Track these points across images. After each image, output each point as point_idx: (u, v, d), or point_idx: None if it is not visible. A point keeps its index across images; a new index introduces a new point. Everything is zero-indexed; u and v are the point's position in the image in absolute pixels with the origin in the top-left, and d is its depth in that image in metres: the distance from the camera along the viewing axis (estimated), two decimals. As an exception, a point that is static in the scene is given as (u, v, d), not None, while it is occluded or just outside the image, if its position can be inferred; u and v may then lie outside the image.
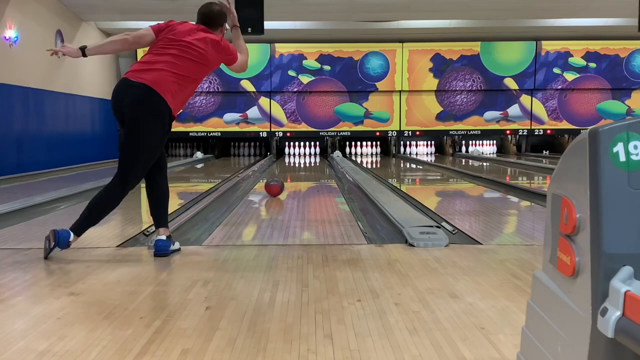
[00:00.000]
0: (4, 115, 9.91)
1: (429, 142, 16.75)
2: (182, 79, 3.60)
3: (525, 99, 16.14)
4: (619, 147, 1.12)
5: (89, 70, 13.62)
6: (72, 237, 3.55)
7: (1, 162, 9.73)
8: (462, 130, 16.16)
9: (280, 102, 15.97)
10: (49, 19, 11.73)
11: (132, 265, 3.45)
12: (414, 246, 3.83)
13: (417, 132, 16.18)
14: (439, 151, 16.71)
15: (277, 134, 16.01)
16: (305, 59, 15.82)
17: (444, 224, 4.74)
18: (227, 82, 15.62)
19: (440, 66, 15.94)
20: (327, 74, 15.84)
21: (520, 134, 16.29)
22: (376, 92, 15.97)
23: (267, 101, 15.94)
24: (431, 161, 14.23)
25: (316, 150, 16.40)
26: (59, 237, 3.51)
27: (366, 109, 16.02)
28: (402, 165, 13.58)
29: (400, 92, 16.00)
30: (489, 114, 16.18)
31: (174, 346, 2.14)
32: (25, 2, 10.67)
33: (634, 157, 1.11)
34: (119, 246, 3.97)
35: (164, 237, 3.65)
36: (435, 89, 16.02)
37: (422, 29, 14.64)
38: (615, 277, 1.07)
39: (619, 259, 1.09)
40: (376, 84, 15.89)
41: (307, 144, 16.41)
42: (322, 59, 15.82)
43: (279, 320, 2.42)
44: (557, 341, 1.23)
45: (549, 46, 15.90)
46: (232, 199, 6.79)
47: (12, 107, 10.17)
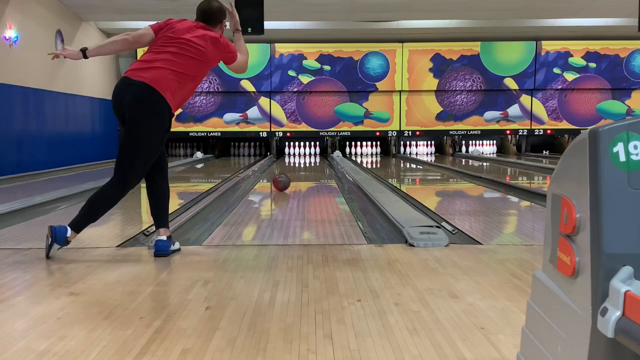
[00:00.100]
0: (4, 115, 9.91)
1: (429, 142, 16.75)
2: (181, 77, 3.60)
3: (525, 99, 16.14)
4: (619, 147, 1.12)
5: (89, 70, 13.62)
6: (70, 233, 3.54)
7: (1, 162, 9.74)
8: (462, 130, 16.16)
9: (280, 102, 15.97)
10: (49, 19, 11.73)
11: (132, 265, 3.45)
12: (414, 246, 3.83)
13: (417, 132, 16.19)
14: (439, 151, 16.71)
15: (277, 134, 16.01)
16: (305, 59, 15.82)
17: (444, 224, 4.74)
18: (227, 82, 15.61)
19: (440, 66, 15.94)
20: (327, 74, 15.84)
21: (520, 134, 16.29)
22: (376, 92, 15.96)
23: (267, 101, 15.94)
24: (431, 161, 14.23)
25: (316, 150, 16.40)
26: (55, 233, 3.52)
27: (366, 109, 16.02)
28: (402, 165, 13.58)
29: (400, 92, 16.00)
30: (489, 114, 16.18)
31: (174, 346, 2.14)
32: (25, 2, 10.67)
33: (634, 157, 1.11)
34: (119, 246, 3.97)
35: (164, 237, 3.65)
36: (435, 89, 16.02)
37: (422, 29, 14.64)
38: (615, 277, 1.07)
39: (619, 259, 1.09)
40: (376, 84, 15.89)
41: (307, 144, 16.40)
42: (322, 59, 15.82)
43: (279, 320, 2.42)
44: (557, 341, 1.23)
45: (549, 46, 15.90)
46: (232, 199, 6.79)
47: (12, 107, 10.17)
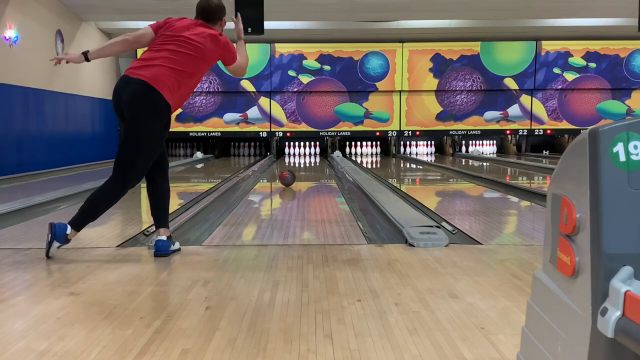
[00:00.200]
0: (4, 115, 9.91)
1: (429, 142, 16.75)
2: (179, 74, 3.60)
3: (525, 99, 16.14)
4: (619, 147, 1.12)
5: (89, 70, 13.62)
6: (70, 231, 3.54)
7: (1, 162, 9.73)
8: (462, 130, 16.16)
9: (280, 102, 15.97)
10: (49, 19, 11.73)
11: (132, 265, 3.45)
12: (414, 246, 3.83)
13: (417, 132, 16.19)
14: (439, 151, 16.71)
15: (277, 134, 16.01)
16: (305, 59, 15.82)
17: (444, 224, 4.74)
18: (227, 82, 15.62)
19: (440, 66, 15.94)
20: (327, 74, 15.84)
21: (520, 134, 16.29)
22: (376, 92, 15.96)
23: (267, 101, 15.94)
24: (431, 161, 14.23)
25: (316, 150, 16.40)
26: (55, 230, 3.52)
27: (366, 109, 16.02)
28: (402, 165, 13.58)
29: (400, 92, 16.00)
30: (489, 114, 16.17)
31: (174, 346, 2.14)
32: (25, 2, 10.67)
33: (634, 157, 1.11)
34: (119, 246, 3.97)
35: (165, 237, 3.65)
36: (435, 89, 16.02)
37: (422, 29, 14.64)
38: (615, 277, 1.07)
39: (619, 259, 1.09)
40: (376, 84, 15.88)
41: (307, 144, 16.40)
42: (322, 59, 15.82)
43: (279, 320, 2.41)
44: (557, 341, 1.23)
45: (549, 46, 15.90)
46: (232, 199, 6.79)
47: (12, 107, 10.17)
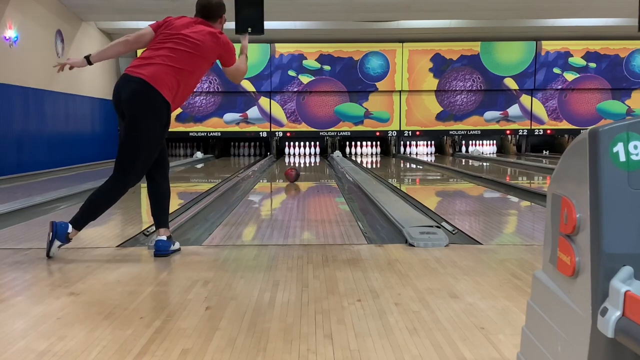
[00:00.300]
0: (4, 115, 9.91)
1: (429, 142, 16.75)
2: (179, 72, 3.59)
3: (525, 99, 16.14)
4: (619, 147, 1.12)
5: (89, 70, 13.59)
6: (71, 230, 3.55)
7: (1, 162, 9.73)
8: (462, 130, 16.16)
9: (280, 102, 15.97)
10: (49, 19, 11.73)
11: (132, 265, 3.45)
12: (414, 246, 3.83)
13: (417, 132, 16.18)
14: (439, 151, 16.71)
15: (277, 134, 16.01)
16: (305, 59, 15.82)
17: (444, 224, 4.73)
18: (227, 82, 15.59)
19: (440, 66, 15.94)
20: (327, 74, 15.84)
21: (520, 134, 16.28)
22: (376, 92, 15.96)
23: (267, 101, 15.94)
24: (431, 161, 14.23)
25: (316, 150, 16.40)
26: (56, 228, 3.52)
27: (366, 109, 16.02)
28: (402, 165, 13.58)
29: (400, 92, 16.00)
30: (489, 114, 16.17)
31: (174, 346, 2.14)
32: (25, 2, 10.67)
33: (634, 157, 1.11)
34: (119, 246, 3.97)
35: (165, 237, 3.65)
36: (435, 89, 16.02)
37: (422, 29, 14.64)
38: (615, 277, 1.07)
39: (619, 259, 1.09)
40: (376, 84, 15.88)
41: (307, 144, 16.40)
42: (322, 59, 15.82)
43: (279, 320, 2.41)
44: (557, 341, 1.23)
45: (549, 46, 15.90)
46: (232, 199, 6.79)
47: (12, 107, 10.17)
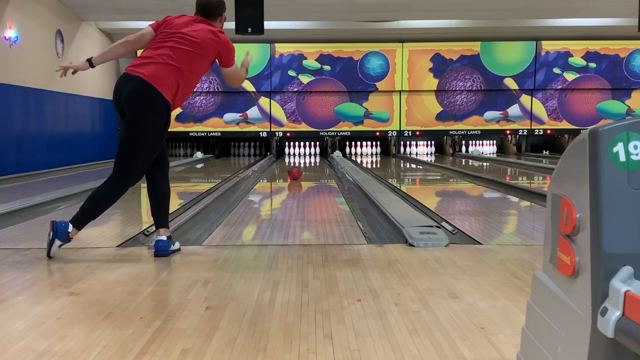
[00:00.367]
0: (4, 115, 9.91)
1: (429, 142, 16.75)
2: (178, 71, 3.59)
3: (525, 99, 16.14)
4: (619, 147, 1.12)
5: (89, 70, 13.57)
6: (72, 229, 3.55)
7: (1, 162, 9.73)
8: (462, 130, 16.16)
9: (280, 102, 15.97)
10: (49, 19, 11.73)
11: (132, 265, 3.45)
12: (414, 246, 3.83)
13: (417, 132, 16.18)
14: (439, 151, 16.71)
15: (277, 134, 16.01)
16: (305, 59, 15.82)
17: (444, 224, 4.73)
18: (227, 82, 15.58)
19: (440, 66, 15.94)
20: (327, 74, 15.84)
21: (520, 134, 16.28)
22: (376, 92, 15.96)
23: (267, 101, 15.93)
24: (431, 161, 14.23)
25: (316, 150, 16.40)
26: (57, 227, 3.52)
27: (366, 109, 16.02)
28: (402, 165, 13.58)
29: (400, 92, 16.00)
30: (489, 114, 16.17)
31: (174, 346, 2.14)
32: (25, 2, 10.67)
33: (634, 157, 1.11)
34: (119, 246, 3.97)
35: (165, 237, 3.65)
36: (435, 89, 16.02)
37: (422, 29, 14.64)
38: (615, 277, 1.07)
39: (619, 259, 1.09)
40: (376, 84, 15.88)
41: (307, 144, 16.40)
42: (322, 59, 15.82)
43: (279, 320, 2.41)
44: (557, 341, 1.23)
45: (549, 46, 15.90)
46: (232, 199, 6.79)
47: (12, 107, 10.17)
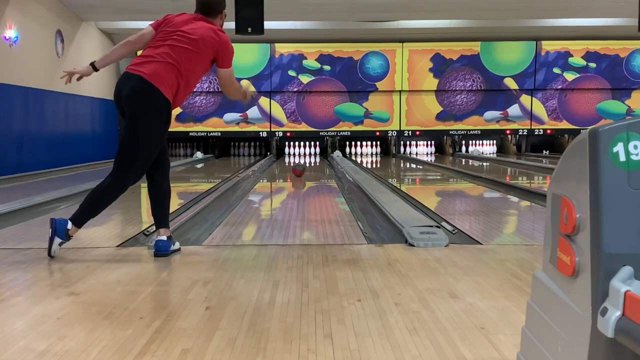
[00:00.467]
0: (4, 115, 9.91)
1: (429, 142, 16.75)
2: (179, 70, 3.59)
3: (525, 99, 16.14)
4: (619, 147, 1.12)
5: (89, 70, 13.60)
6: (71, 226, 3.55)
7: (1, 162, 9.73)
8: (462, 130, 16.16)
9: (280, 102, 15.97)
10: (49, 19, 11.73)
11: (132, 265, 3.45)
12: (414, 246, 3.83)
13: (417, 132, 16.18)
14: (439, 151, 16.71)
15: (277, 133, 16.00)
16: (305, 59, 15.81)
17: (444, 224, 4.73)
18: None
19: (440, 66, 15.94)
20: (327, 74, 15.84)
21: (520, 134, 16.28)
22: (376, 92, 15.96)
23: (267, 101, 15.93)
24: (431, 161, 14.23)
25: (316, 150, 16.40)
26: (56, 225, 3.52)
27: (366, 109, 16.02)
28: (402, 165, 13.58)
29: (400, 92, 16.00)
30: (489, 114, 16.17)
31: (174, 346, 2.14)
32: (25, 2, 10.67)
33: (634, 157, 1.11)
34: (119, 246, 3.97)
35: (165, 237, 3.65)
36: (435, 89, 16.01)
37: (422, 29, 14.64)
38: (615, 277, 1.07)
39: (619, 259, 1.09)
40: (376, 84, 15.88)
41: (307, 143, 16.40)
42: (322, 59, 15.81)
43: (279, 320, 2.41)
44: (557, 341, 1.23)
45: (549, 46, 15.89)
46: (232, 199, 6.79)
47: (12, 107, 10.17)
